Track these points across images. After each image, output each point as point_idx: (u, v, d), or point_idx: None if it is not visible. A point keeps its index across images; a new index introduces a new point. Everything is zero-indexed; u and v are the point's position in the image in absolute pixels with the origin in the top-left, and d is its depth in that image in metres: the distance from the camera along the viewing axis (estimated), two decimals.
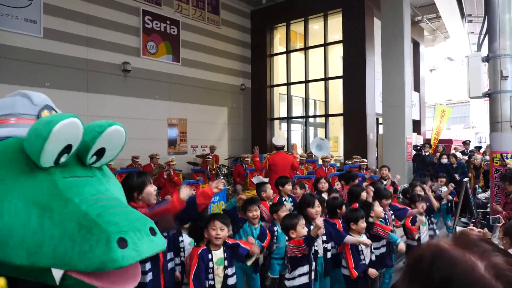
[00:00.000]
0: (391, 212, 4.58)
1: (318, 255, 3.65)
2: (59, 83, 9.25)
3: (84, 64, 9.89)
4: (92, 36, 10.03)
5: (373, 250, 3.77)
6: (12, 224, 1.06)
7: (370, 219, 3.78)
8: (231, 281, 2.86)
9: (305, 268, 3.13)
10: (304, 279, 3.11)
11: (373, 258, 3.73)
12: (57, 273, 1.04)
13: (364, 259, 3.56)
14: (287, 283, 3.14)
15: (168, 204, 2.39)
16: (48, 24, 9.11)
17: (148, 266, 2.58)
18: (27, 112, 1.34)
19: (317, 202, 3.73)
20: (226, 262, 2.82)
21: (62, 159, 1.18)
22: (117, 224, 1.06)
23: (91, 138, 1.22)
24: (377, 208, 3.89)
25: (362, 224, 3.61)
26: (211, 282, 2.73)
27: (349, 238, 3.51)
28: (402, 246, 3.71)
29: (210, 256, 2.75)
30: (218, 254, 2.81)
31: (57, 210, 1.09)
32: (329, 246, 3.78)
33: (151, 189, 2.64)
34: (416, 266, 0.68)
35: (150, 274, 2.60)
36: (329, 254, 3.77)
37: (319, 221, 2.98)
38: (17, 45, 8.60)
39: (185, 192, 2.45)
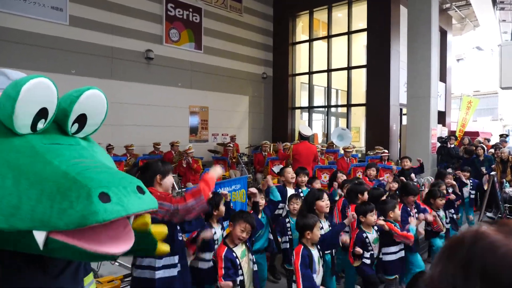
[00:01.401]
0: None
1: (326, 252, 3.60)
2: (84, 70, 9.40)
3: (109, 52, 10.01)
4: (116, 24, 10.12)
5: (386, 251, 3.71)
6: None
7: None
8: (255, 267, 2.91)
9: None
10: None
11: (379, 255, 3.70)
12: (40, 236, 0.99)
13: (372, 250, 3.57)
14: None
15: (199, 188, 2.29)
16: (73, 12, 9.23)
17: (176, 259, 2.59)
18: (2, 86, 1.27)
19: (325, 196, 3.71)
20: (249, 254, 2.87)
21: (40, 125, 1.13)
22: (99, 180, 1.00)
23: (68, 103, 1.18)
24: (397, 210, 3.77)
25: (372, 217, 3.58)
26: (241, 278, 2.75)
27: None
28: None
29: (234, 254, 2.76)
30: (239, 248, 2.83)
31: (34, 171, 1.03)
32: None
33: (172, 179, 2.61)
34: (455, 247, 0.67)
35: (179, 265, 2.62)
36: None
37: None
38: (44, 32, 8.76)
39: (218, 171, 2.39)
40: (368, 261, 3.54)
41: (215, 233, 3.21)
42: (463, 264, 0.64)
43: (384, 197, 4.29)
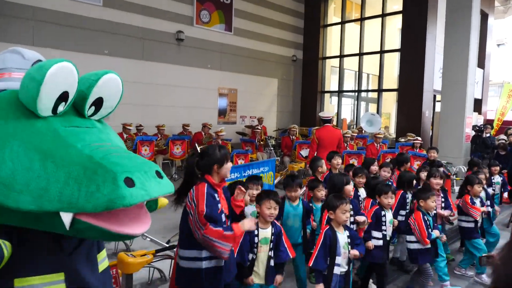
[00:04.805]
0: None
1: None
2: (117, 51, 9.57)
3: (140, 33, 10.13)
4: (148, 5, 10.20)
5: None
6: (15, 169, 1.05)
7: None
8: (271, 262, 2.81)
9: None
10: None
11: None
12: (66, 217, 1.03)
13: (385, 231, 3.51)
14: None
15: (234, 237, 2.34)
16: None
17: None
18: (19, 66, 1.31)
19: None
20: (271, 245, 2.80)
21: (60, 108, 1.16)
22: (122, 165, 1.04)
23: (87, 86, 1.19)
24: (431, 203, 3.58)
25: (391, 199, 3.53)
26: (253, 257, 2.73)
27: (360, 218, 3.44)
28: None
29: (256, 232, 2.74)
30: (265, 232, 2.79)
31: (60, 155, 1.07)
32: (354, 226, 3.69)
33: (230, 164, 2.56)
34: None
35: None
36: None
37: None
38: (79, 13, 8.94)
39: (249, 224, 2.40)
40: (379, 242, 3.46)
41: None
42: None
43: None
